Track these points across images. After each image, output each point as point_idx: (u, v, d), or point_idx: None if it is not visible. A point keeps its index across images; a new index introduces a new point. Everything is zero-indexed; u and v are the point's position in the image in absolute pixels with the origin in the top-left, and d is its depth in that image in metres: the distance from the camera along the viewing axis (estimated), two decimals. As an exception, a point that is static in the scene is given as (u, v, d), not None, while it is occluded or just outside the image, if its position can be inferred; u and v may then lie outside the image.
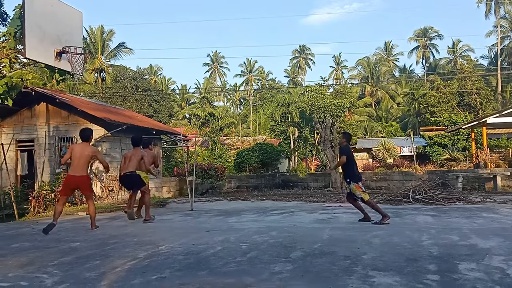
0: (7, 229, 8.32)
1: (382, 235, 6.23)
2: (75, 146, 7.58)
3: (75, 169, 7.27)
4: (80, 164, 7.27)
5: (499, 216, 8.33)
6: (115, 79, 42.66)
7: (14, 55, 9.84)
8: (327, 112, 33.61)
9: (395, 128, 46.17)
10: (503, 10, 50.81)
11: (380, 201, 12.00)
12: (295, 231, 6.89)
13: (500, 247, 5.23)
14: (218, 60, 69.92)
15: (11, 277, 4.30)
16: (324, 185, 18.10)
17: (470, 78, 41.97)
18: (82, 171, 7.33)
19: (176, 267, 4.52)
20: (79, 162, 7.26)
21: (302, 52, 67.89)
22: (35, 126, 15.08)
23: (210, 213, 10.20)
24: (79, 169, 7.28)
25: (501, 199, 11.79)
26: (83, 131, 7.63)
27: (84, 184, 7.45)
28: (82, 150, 7.33)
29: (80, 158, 7.26)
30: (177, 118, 51.01)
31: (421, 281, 3.80)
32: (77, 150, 7.33)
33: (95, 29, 43.99)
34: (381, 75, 58.88)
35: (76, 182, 7.33)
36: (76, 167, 7.26)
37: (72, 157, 7.28)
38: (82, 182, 7.37)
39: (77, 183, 7.35)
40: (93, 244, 6.11)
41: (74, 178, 7.28)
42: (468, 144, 28.13)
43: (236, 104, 69.63)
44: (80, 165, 7.27)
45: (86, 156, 7.34)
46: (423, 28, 58.25)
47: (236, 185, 19.10)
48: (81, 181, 7.34)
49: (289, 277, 4.04)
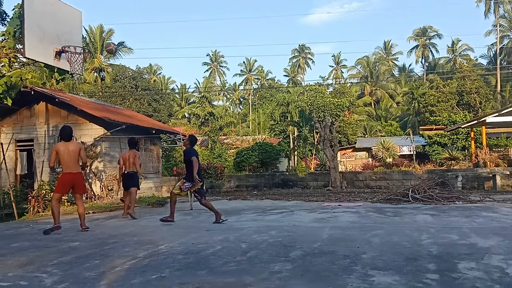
0: (6, 228, 8.32)
1: (381, 234, 6.23)
2: (60, 145, 7.37)
3: (69, 167, 7.21)
4: (72, 161, 7.22)
5: (498, 215, 8.34)
6: (114, 78, 42.60)
7: (13, 55, 9.81)
8: (326, 111, 33.61)
9: (394, 127, 46.15)
10: (502, 9, 50.81)
11: (380, 200, 12.03)
12: (295, 230, 6.89)
13: (500, 246, 5.23)
14: (218, 59, 69.87)
15: (10, 276, 4.30)
16: (323, 184, 18.11)
17: (470, 77, 41.96)
18: (77, 168, 7.30)
19: (176, 267, 4.52)
20: (70, 159, 7.21)
21: (302, 51, 67.87)
22: (34, 126, 15.05)
23: (209, 213, 10.17)
24: (73, 166, 7.23)
25: (500, 198, 11.80)
26: (63, 130, 7.43)
27: (80, 181, 7.42)
28: (68, 147, 7.23)
29: (70, 155, 7.19)
30: (177, 118, 50.95)
31: (421, 280, 3.80)
32: (63, 148, 7.23)
33: (94, 28, 43.95)
34: (380, 75, 58.87)
35: (73, 179, 7.27)
36: (69, 164, 7.20)
37: (60, 157, 7.21)
38: (78, 179, 7.33)
39: (74, 180, 7.29)
40: (93, 243, 6.11)
41: (71, 175, 7.22)
42: (468, 143, 28.12)
43: (235, 103, 69.59)
44: (72, 162, 7.22)
45: (74, 152, 7.25)
46: (423, 27, 58.25)
47: (235, 185, 19.11)
48: (77, 177, 7.31)
49: (288, 276, 4.04)
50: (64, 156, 7.19)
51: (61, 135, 7.50)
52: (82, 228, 7.31)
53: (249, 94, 62.89)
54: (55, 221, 7.14)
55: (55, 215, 7.17)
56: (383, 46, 62.74)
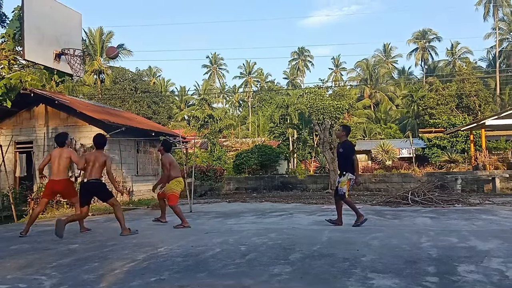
0: (5, 231, 8.31)
1: (381, 237, 6.23)
2: (53, 151, 7.54)
3: (54, 173, 7.29)
4: (59, 168, 7.27)
5: (498, 218, 8.33)
6: (114, 80, 42.62)
7: (13, 57, 9.80)
8: (326, 114, 33.61)
9: (394, 130, 46.21)
10: (502, 12, 51.01)
11: (379, 203, 12.02)
12: (294, 233, 6.88)
13: (499, 249, 5.23)
14: (217, 62, 69.99)
15: (9, 279, 4.29)
16: (323, 187, 18.11)
17: (469, 80, 42.02)
18: (62, 175, 7.32)
19: (175, 269, 4.51)
20: (59, 167, 7.27)
21: (301, 54, 68.03)
22: (34, 128, 15.05)
23: (209, 215, 10.19)
24: (58, 173, 7.27)
25: (500, 201, 11.80)
26: (58, 137, 7.61)
27: (66, 189, 7.45)
28: (59, 154, 7.31)
29: (59, 163, 7.25)
30: (176, 120, 51.03)
31: (420, 283, 3.79)
32: (55, 154, 7.33)
33: (94, 30, 44.05)
34: (380, 77, 58.96)
35: (57, 186, 7.32)
36: (55, 171, 7.27)
37: (51, 163, 7.31)
38: (63, 187, 7.35)
39: (58, 187, 7.34)
40: (92, 246, 6.10)
41: (53, 182, 7.29)
42: (467, 146, 28.16)
43: (235, 106, 69.70)
44: (58, 169, 7.26)
45: (65, 159, 7.30)
46: (422, 30, 58.46)
47: (235, 187, 19.10)
48: (62, 185, 7.32)
49: (288, 279, 4.03)
50: (54, 163, 7.28)
51: (56, 141, 7.64)
52: (81, 231, 7.48)
53: (249, 97, 62.96)
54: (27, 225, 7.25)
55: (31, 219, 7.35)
56: (383, 48, 62.96)
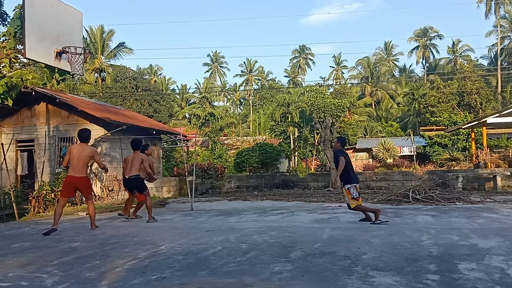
0: (7, 229, 8.32)
1: (382, 235, 6.23)
2: (74, 146, 7.54)
3: (74, 170, 7.28)
4: (80, 165, 7.28)
5: (499, 216, 8.33)
6: (115, 79, 42.63)
7: (14, 55, 9.81)
8: (327, 112, 33.61)
9: (395, 128, 46.14)
10: (503, 10, 50.82)
11: (380, 201, 12.03)
12: (295, 231, 6.89)
13: (500, 247, 5.23)
14: (218, 60, 69.90)
15: (11, 277, 4.30)
16: (324, 185, 18.10)
17: (470, 78, 41.94)
18: (81, 172, 7.33)
19: (176, 267, 4.52)
20: (78, 163, 7.27)
21: (302, 52, 67.89)
22: (35, 126, 15.07)
23: (210, 213, 10.20)
24: (78, 170, 7.28)
25: (501, 199, 11.79)
26: (81, 132, 7.64)
27: (84, 186, 7.46)
28: (80, 151, 7.33)
29: (79, 159, 7.27)
30: (177, 118, 50.98)
31: (421, 281, 3.80)
32: (75, 150, 7.33)
33: (95, 29, 44.05)
34: (381, 75, 58.87)
35: (76, 182, 7.33)
36: (76, 168, 7.27)
37: (71, 158, 7.29)
38: (81, 183, 7.37)
39: (77, 184, 7.36)
40: (93, 244, 6.12)
41: (74, 178, 7.29)
42: (468, 144, 28.11)
43: (236, 104, 69.59)
44: (80, 166, 7.29)
45: (85, 157, 7.35)
46: (423, 28, 58.28)
47: (236, 185, 19.10)
48: (81, 182, 7.35)
49: (289, 277, 4.04)
50: (74, 158, 7.27)
51: (78, 136, 7.67)
52: (92, 228, 7.50)
53: (250, 95, 62.88)
54: (54, 222, 7.20)
55: (56, 217, 7.26)
56: (384, 46, 62.80)
